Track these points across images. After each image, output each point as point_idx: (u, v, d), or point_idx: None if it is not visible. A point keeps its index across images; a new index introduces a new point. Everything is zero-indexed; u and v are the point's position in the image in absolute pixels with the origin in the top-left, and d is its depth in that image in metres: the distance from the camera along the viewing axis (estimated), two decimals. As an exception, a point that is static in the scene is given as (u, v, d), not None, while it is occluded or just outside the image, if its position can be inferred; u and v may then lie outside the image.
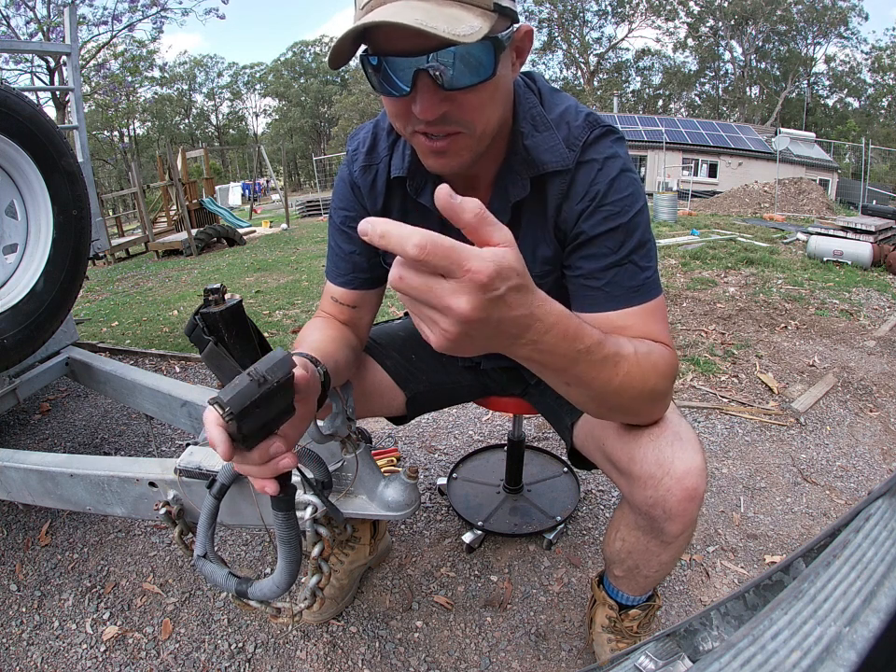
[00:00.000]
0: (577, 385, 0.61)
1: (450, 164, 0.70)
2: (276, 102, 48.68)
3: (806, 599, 0.31)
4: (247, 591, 0.72)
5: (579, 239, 0.77)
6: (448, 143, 0.67)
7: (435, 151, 0.69)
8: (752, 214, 11.08)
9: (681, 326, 3.15)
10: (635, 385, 0.65)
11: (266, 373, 0.48)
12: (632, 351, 0.64)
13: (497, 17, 0.61)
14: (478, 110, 0.66)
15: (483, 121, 0.67)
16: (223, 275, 5.98)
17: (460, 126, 0.66)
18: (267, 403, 0.49)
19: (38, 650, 1.22)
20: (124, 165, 27.72)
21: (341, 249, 0.92)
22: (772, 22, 31.73)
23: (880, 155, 25.63)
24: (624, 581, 0.98)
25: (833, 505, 1.62)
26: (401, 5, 0.58)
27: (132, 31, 16.57)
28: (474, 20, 0.58)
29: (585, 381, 0.60)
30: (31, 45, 9.03)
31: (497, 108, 0.69)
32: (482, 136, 0.69)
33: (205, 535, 0.75)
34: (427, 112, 0.63)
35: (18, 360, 1.46)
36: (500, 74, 0.65)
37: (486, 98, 0.66)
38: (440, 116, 0.64)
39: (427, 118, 0.64)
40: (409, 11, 0.56)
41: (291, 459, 0.55)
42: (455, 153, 0.69)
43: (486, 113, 0.67)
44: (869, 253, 4.67)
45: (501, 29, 0.62)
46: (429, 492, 1.69)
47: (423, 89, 0.62)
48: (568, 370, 0.57)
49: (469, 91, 0.63)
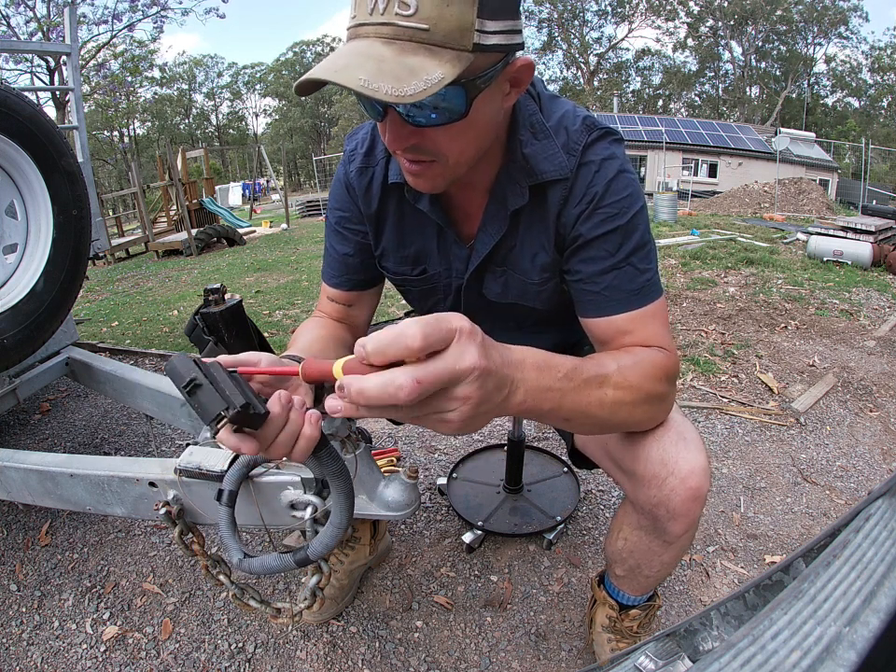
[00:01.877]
0: (575, 417, 0.61)
1: (425, 185, 0.71)
2: (276, 102, 48.70)
3: (806, 599, 0.31)
4: (308, 555, 0.70)
5: (577, 242, 0.76)
6: (422, 168, 0.68)
7: (411, 173, 0.70)
8: (752, 214, 11.08)
9: (681, 326, 3.15)
10: (627, 398, 0.65)
11: (187, 375, 0.49)
12: (614, 367, 0.64)
13: (478, 56, 0.58)
14: (449, 145, 0.65)
15: (456, 154, 0.67)
16: (223, 275, 5.99)
17: (432, 156, 0.66)
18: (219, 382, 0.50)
19: (38, 650, 1.22)
20: (124, 165, 27.73)
21: (335, 251, 0.92)
22: (772, 22, 31.73)
23: (880, 155, 25.64)
24: (626, 581, 0.98)
25: (833, 505, 1.62)
26: (363, 49, 0.56)
27: (132, 31, 16.61)
28: (436, 69, 0.55)
29: (580, 409, 0.60)
30: (31, 45, 9.02)
31: (473, 142, 0.68)
32: (456, 166, 0.68)
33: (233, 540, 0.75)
34: (394, 144, 0.65)
35: (18, 360, 1.46)
36: (478, 111, 0.63)
37: (457, 134, 0.65)
38: (409, 146, 0.65)
39: (394, 149, 0.65)
40: (358, 65, 0.55)
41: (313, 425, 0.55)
42: (430, 178, 0.70)
43: (459, 146, 0.66)
44: (869, 253, 4.67)
45: (484, 68, 0.60)
46: (429, 492, 1.69)
47: (391, 123, 0.63)
48: (561, 404, 0.58)
49: (439, 129, 0.63)
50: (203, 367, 0.50)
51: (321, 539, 0.69)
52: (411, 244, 0.88)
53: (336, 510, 0.67)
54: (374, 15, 0.56)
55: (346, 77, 0.54)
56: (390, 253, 0.90)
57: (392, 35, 0.56)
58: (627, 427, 0.74)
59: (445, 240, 0.85)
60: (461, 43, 0.56)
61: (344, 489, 0.65)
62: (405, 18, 0.55)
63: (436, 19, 0.55)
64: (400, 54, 0.56)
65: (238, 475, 0.76)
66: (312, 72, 0.57)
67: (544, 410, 0.57)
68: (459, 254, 0.85)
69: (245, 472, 0.77)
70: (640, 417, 0.71)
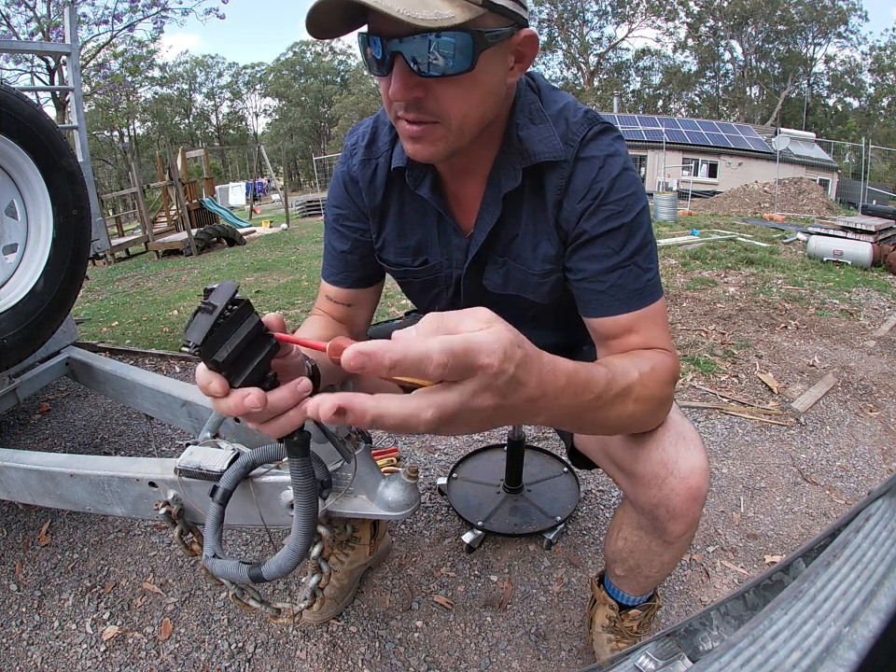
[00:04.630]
0: (590, 427, 0.62)
1: (424, 152, 0.69)
2: (276, 102, 48.70)
3: (806, 599, 0.31)
4: (262, 572, 0.70)
5: (581, 239, 0.76)
6: (423, 130, 0.67)
7: (411, 136, 0.68)
8: (752, 214, 11.08)
9: (681, 326, 3.15)
10: (645, 408, 0.66)
11: (212, 301, 0.48)
12: (637, 376, 0.64)
13: (486, 12, 0.59)
14: (453, 103, 0.65)
15: (459, 115, 0.66)
16: (223, 275, 5.98)
17: (435, 116, 0.65)
18: (230, 330, 0.48)
19: (38, 650, 1.22)
20: (124, 165, 27.75)
21: (334, 248, 0.91)
22: (772, 22, 31.73)
23: (880, 155, 25.63)
24: (625, 581, 0.98)
25: (833, 505, 1.62)
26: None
27: (132, 31, 16.59)
28: (447, 8, 0.56)
29: (599, 422, 0.60)
30: (31, 45, 9.03)
31: (477, 105, 0.67)
32: (458, 130, 0.67)
33: (212, 537, 0.75)
34: (398, 94, 0.63)
35: (18, 360, 1.46)
36: (484, 70, 0.63)
37: (462, 92, 0.64)
38: (412, 100, 0.64)
39: (398, 99, 0.64)
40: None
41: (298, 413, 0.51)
42: (430, 142, 0.68)
43: (462, 107, 0.65)
44: (869, 253, 4.67)
45: (491, 26, 0.61)
46: (429, 492, 1.69)
47: (397, 71, 0.62)
48: (582, 423, 0.58)
49: (444, 82, 0.63)
50: (233, 305, 0.49)
51: (276, 562, 0.68)
52: (412, 234, 0.88)
53: (295, 531, 0.64)
54: None
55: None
56: (391, 244, 0.89)
57: None
58: (635, 430, 0.75)
59: (445, 230, 0.85)
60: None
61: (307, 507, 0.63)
62: None
63: None
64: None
65: (235, 475, 0.76)
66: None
67: (562, 425, 0.57)
68: (459, 244, 0.85)
69: (244, 473, 0.77)
70: (650, 421, 0.73)
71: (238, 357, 0.49)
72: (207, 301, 0.48)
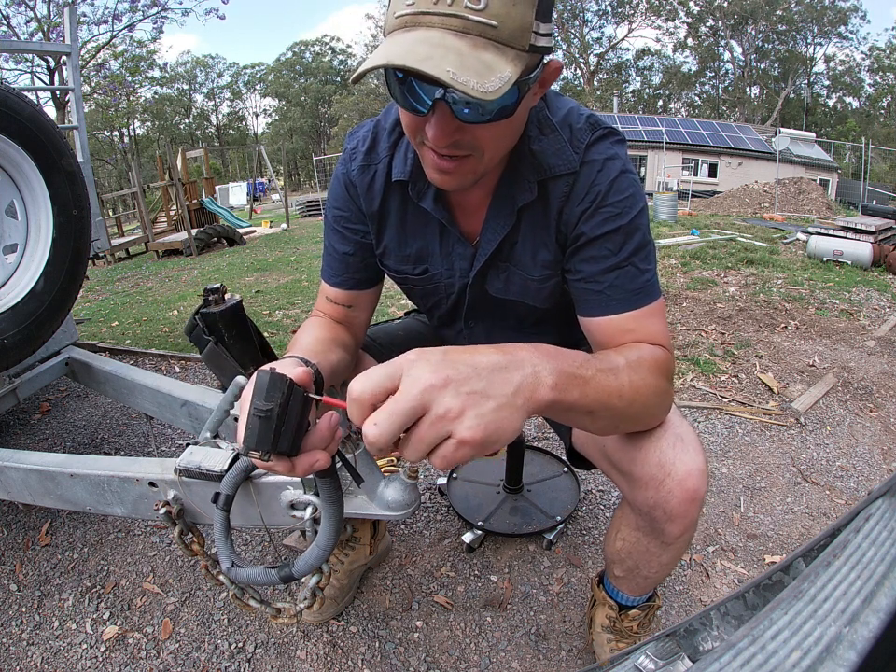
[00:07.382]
0: (598, 409, 0.61)
1: (452, 182, 0.70)
2: (276, 102, 48.68)
3: (806, 599, 0.31)
4: (293, 572, 0.72)
5: (579, 241, 0.76)
6: (455, 165, 0.67)
7: (440, 169, 0.68)
8: (752, 214, 11.08)
9: (681, 326, 3.15)
10: (642, 389, 0.65)
11: (266, 402, 0.50)
12: (623, 360, 0.65)
13: (530, 56, 0.59)
14: (491, 140, 0.66)
15: (493, 149, 0.67)
16: (223, 275, 5.98)
17: (469, 150, 0.66)
18: (285, 421, 0.51)
19: (38, 650, 1.22)
20: (124, 165, 27.74)
21: (334, 249, 0.91)
22: (772, 22, 31.73)
23: (880, 155, 25.64)
24: (624, 582, 0.98)
25: (833, 505, 1.62)
26: (436, 40, 0.55)
27: (132, 31, 16.61)
28: (506, 66, 0.56)
29: (602, 399, 0.60)
30: (31, 45, 9.02)
31: (509, 138, 0.69)
32: (490, 161, 0.69)
33: (225, 545, 0.76)
34: (440, 140, 0.63)
35: (18, 360, 1.46)
36: (521, 109, 0.64)
37: (501, 132, 0.66)
38: (451, 143, 0.64)
39: (439, 145, 0.64)
40: (441, 56, 0.53)
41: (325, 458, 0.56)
42: (461, 175, 0.69)
43: (497, 143, 0.67)
44: (869, 253, 4.67)
45: (531, 69, 0.61)
46: (429, 492, 1.69)
47: (439, 116, 0.61)
48: (585, 391, 0.57)
49: (485, 125, 0.63)
50: (286, 396, 0.50)
51: (306, 559, 0.71)
52: (413, 243, 0.88)
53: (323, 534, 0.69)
54: (440, 5, 0.55)
55: (434, 67, 0.53)
56: (392, 252, 0.90)
57: (461, 29, 0.55)
58: (640, 421, 0.74)
59: (448, 239, 0.85)
60: (521, 42, 0.57)
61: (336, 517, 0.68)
62: (475, 12, 0.54)
63: (503, 17, 0.55)
64: (475, 49, 0.55)
65: (236, 479, 0.76)
66: (389, 57, 0.55)
67: (573, 398, 0.56)
68: (463, 252, 0.85)
69: (244, 476, 0.77)
70: (653, 410, 0.72)
71: (294, 439, 0.52)
72: (258, 407, 0.49)
